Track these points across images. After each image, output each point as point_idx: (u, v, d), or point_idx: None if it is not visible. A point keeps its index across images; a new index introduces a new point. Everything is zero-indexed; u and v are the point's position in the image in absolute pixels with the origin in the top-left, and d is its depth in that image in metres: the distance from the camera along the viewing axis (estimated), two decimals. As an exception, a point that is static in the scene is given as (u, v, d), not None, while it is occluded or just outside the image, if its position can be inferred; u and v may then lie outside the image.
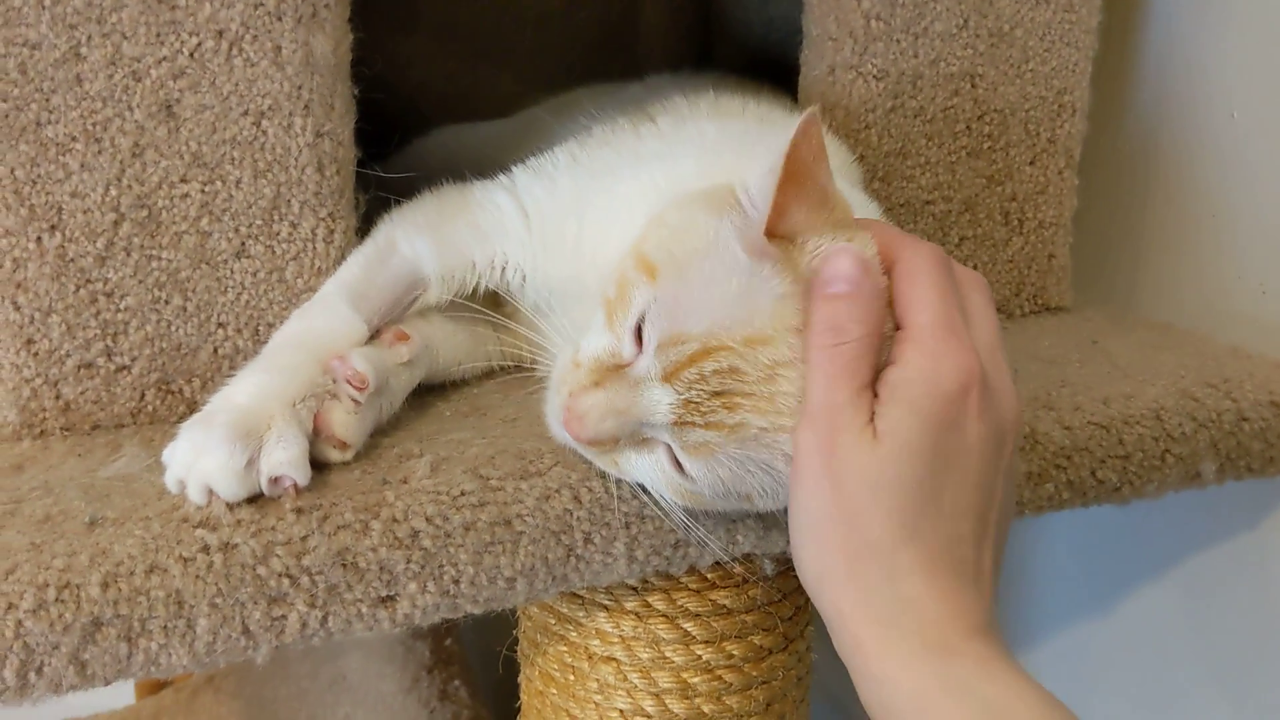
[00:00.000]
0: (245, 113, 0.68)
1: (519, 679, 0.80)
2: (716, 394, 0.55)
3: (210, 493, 0.58)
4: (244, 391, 0.62)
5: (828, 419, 0.54)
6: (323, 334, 0.67)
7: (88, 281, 0.68)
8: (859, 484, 0.53)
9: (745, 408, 0.55)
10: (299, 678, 1.25)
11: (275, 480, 0.59)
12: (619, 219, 0.67)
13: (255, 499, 0.59)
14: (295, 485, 0.59)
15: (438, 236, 0.72)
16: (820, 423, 0.54)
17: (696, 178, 0.65)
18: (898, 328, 0.56)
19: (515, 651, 0.81)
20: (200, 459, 0.58)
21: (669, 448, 0.58)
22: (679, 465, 0.58)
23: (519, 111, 1.15)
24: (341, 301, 0.69)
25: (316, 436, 0.62)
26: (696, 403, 0.55)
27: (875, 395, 0.55)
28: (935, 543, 0.54)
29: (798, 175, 0.56)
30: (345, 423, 0.63)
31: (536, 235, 0.73)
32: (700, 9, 1.38)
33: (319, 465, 0.63)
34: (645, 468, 0.60)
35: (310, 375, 0.64)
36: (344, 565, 0.58)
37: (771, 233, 0.56)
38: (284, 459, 0.59)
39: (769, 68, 0.99)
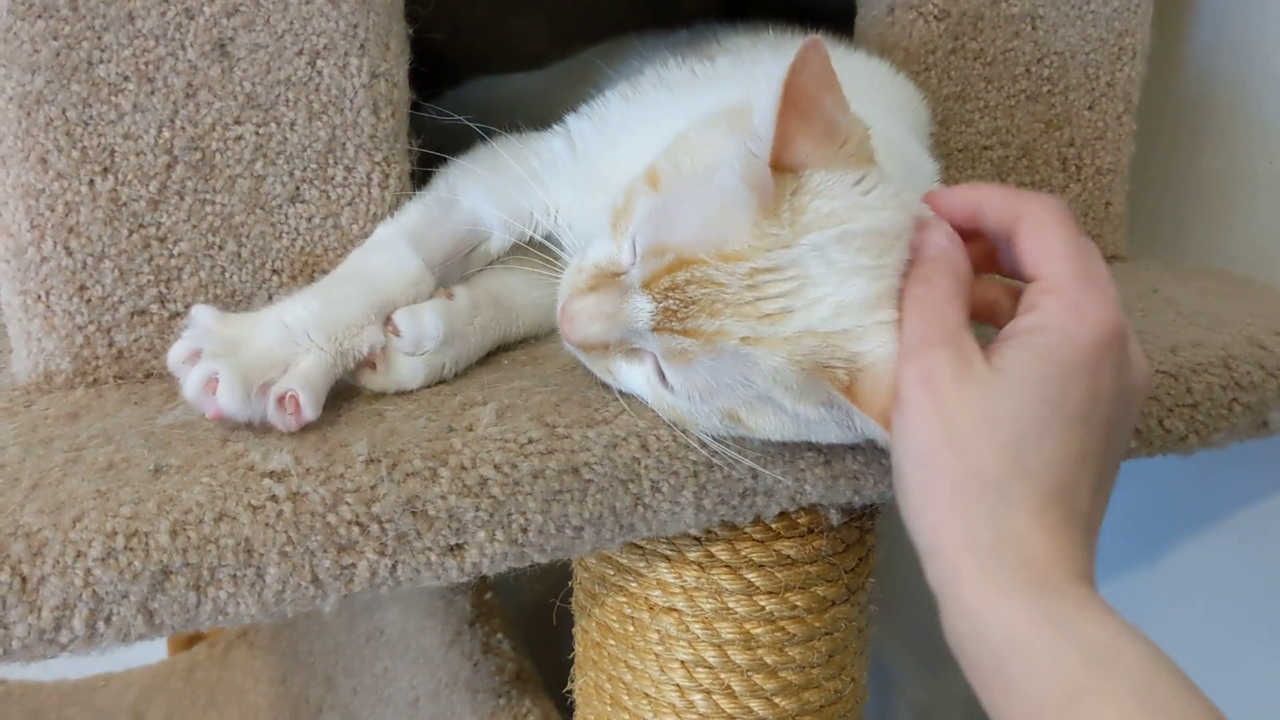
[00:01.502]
0: (300, 52, 0.66)
1: (573, 630, 0.80)
2: (694, 301, 0.56)
3: (205, 390, 0.58)
4: (293, 312, 0.63)
5: (922, 352, 0.54)
6: (380, 269, 0.67)
7: (141, 226, 0.66)
8: (966, 415, 0.53)
9: (726, 314, 0.55)
10: (335, 631, 1.25)
11: (280, 400, 0.59)
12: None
13: (324, 448, 0.58)
14: (297, 402, 0.59)
15: (494, 185, 0.72)
16: (915, 356, 0.54)
17: None
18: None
19: (569, 603, 0.80)
20: (218, 357, 0.59)
21: (655, 359, 0.59)
22: (663, 376, 0.59)
23: (553, 63, 1.13)
24: (401, 240, 0.68)
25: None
26: (674, 310, 0.56)
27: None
28: (1050, 485, 0.52)
29: (800, 105, 0.55)
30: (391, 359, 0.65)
31: (582, 173, 0.71)
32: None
33: (380, 414, 0.63)
34: (637, 378, 0.62)
35: (362, 308, 0.64)
36: (413, 513, 0.57)
37: (777, 163, 0.56)
38: (294, 375, 0.60)
39: (805, 15, 0.96)
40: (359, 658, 1.19)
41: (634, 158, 0.64)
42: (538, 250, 0.71)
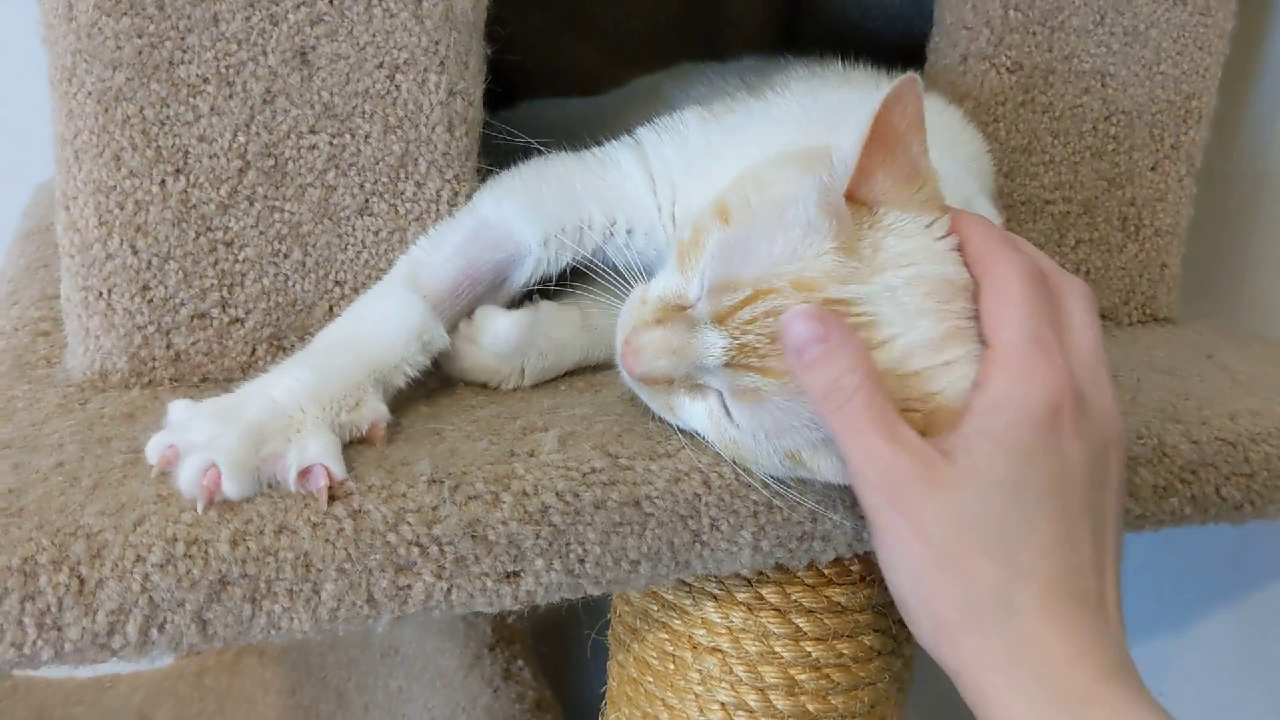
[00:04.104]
0: (380, 65, 0.65)
1: (606, 664, 0.78)
2: (773, 338, 0.54)
3: (205, 480, 0.53)
4: (281, 384, 0.59)
5: (879, 474, 0.53)
6: (376, 325, 0.64)
7: (208, 229, 0.65)
8: (945, 528, 0.52)
9: None
10: (348, 646, 1.24)
11: (306, 472, 0.55)
12: None
13: (385, 465, 0.57)
14: (330, 473, 0.55)
15: (534, 196, 0.69)
16: (873, 480, 0.53)
17: None
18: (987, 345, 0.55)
19: (604, 635, 0.79)
20: (210, 446, 0.54)
21: (720, 395, 0.58)
22: (729, 411, 0.58)
23: (608, 90, 1.12)
24: (399, 284, 0.67)
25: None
26: (754, 346, 0.55)
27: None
28: (1047, 576, 0.51)
29: (886, 140, 0.55)
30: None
31: (664, 196, 0.70)
32: (791, -9, 1.36)
33: (439, 433, 0.62)
34: (699, 414, 0.60)
35: (357, 378, 0.61)
36: (473, 537, 0.56)
37: (853, 195, 0.55)
38: (311, 446, 0.56)
39: (857, 55, 0.96)
40: (373, 674, 1.18)
41: (716, 186, 0.63)
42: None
